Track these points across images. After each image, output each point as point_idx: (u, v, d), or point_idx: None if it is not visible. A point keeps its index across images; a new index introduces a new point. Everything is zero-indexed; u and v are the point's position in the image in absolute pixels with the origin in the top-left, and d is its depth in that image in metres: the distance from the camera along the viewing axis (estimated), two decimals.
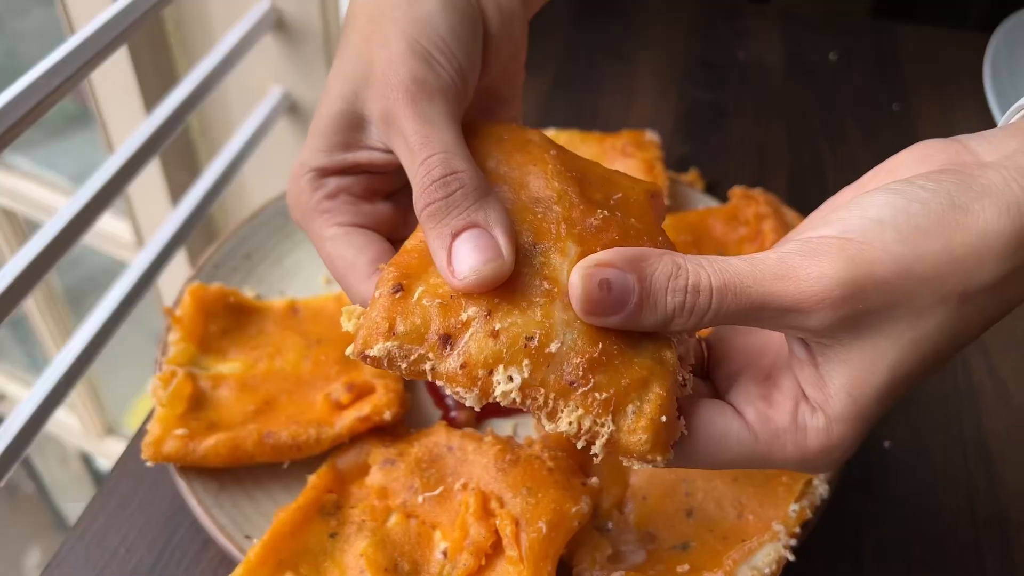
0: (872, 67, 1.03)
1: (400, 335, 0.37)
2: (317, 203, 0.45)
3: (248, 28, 0.88)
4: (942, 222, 0.35)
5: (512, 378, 0.36)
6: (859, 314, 0.35)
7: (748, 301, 0.35)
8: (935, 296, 0.35)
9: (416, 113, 0.40)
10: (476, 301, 0.37)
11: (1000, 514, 0.61)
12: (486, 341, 0.36)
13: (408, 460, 0.55)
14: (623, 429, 0.37)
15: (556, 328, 0.37)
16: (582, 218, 0.40)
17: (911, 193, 0.35)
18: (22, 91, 0.62)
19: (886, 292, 0.34)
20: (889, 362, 0.36)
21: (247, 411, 0.58)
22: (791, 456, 0.38)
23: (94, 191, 0.71)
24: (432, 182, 0.39)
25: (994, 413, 0.67)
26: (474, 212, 0.38)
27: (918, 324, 0.35)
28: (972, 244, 0.34)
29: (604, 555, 0.52)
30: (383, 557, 0.51)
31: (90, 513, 0.59)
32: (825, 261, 0.34)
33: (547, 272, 0.38)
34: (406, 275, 0.39)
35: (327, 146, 0.44)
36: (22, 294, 0.64)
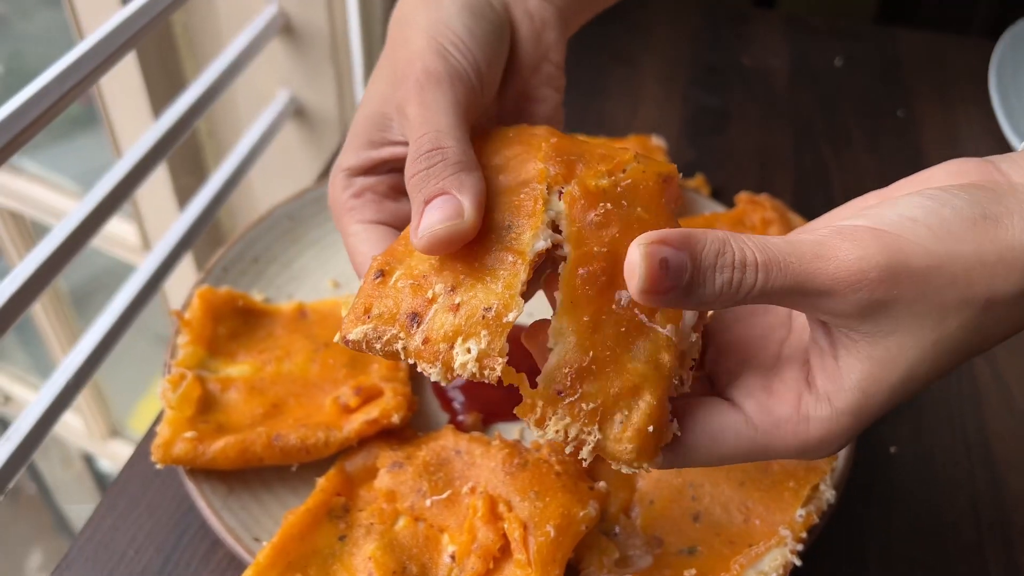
0: (877, 72, 1.04)
1: (375, 317, 0.38)
2: (345, 201, 0.48)
3: (256, 32, 0.88)
4: (974, 229, 0.35)
5: (470, 349, 0.36)
6: (889, 303, 0.35)
7: (791, 278, 0.35)
8: (961, 298, 0.35)
9: (420, 100, 0.44)
10: (443, 277, 0.38)
11: (1003, 517, 0.62)
12: (447, 316, 0.37)
13: (416, 463, 0.55)
14: (609, 438, 0.37)
15: (516, 297, 0.37)
16: (582, 214, 0.39)
17: (945, 199, 0.36)
18: (32, 96, 0.62)
19: (917, 284, 0.35)
20: (908, 361, 0.36)
21: (256, 414, 0.58)
22: (791, 445, 0.39)
23: (102, 196, 0.71)
24: (419, 155, 0.42)
25: (998, 417, 0.68)
26: (448, 181, 0.40)
27: (942, 325, 0.36)
28: (1001, 254, 0.35)
29: (611, 559, 0.52)
30: (391, 560, 0.51)
31: (98, 515, 0.59)
32: (862, 245, 0.35)
33: (517, 247, 0.38)
34: (389, 261, 0.40)
35: (357, 146, 0.48)
36: (31, 298, 0.65)
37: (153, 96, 0.99)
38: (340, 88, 0.96)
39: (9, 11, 1.65)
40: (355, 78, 0.95)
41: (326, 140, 1.01)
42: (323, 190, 0.75)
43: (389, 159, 0.48)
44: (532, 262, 0.38)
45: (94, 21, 0.96)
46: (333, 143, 0.99)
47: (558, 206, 0.39)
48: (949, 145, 0.94)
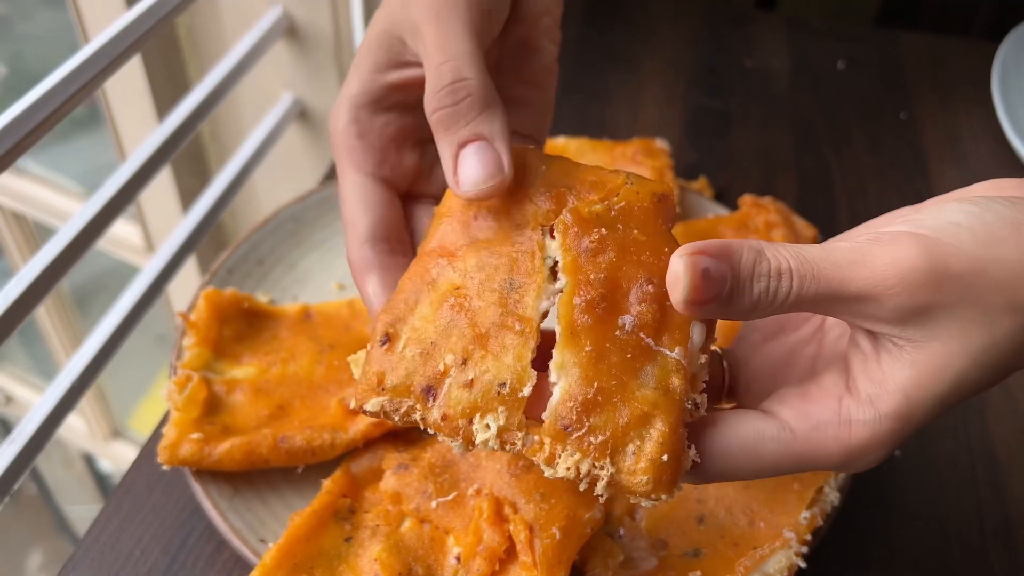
0: (878, 75, 1.04)
1: (389, 389, 0.38)
2: (347, 139, 0.46)
3: (260, 35, 0.88)
4: (1019, 233, 0.35)
5: (489, 426, 0.37)
6: (932, 307, 0.34)
7: (826, 285, 0.35)
8: (1009, 303, 0.34)
9: (438, 23, 0.42)
10: (451, 346, 0.38)
11: (1008, 523, 0.62)
12: (462, 392, 0.37)
13: (421, 465, 0.55)
14: (623, 471, 0.36)
15: (528, 369, 0.37)
16: (576, 242, 0.39)
17: (987, 204, 0.36)
18: (37, 100, 0.62)
19: (960, 288, 0.34)
20: (957, 369, 0.35)
21: (261, 416, 0.59)
22: (833, 452, 0.37)
23: (107, 198, 0.72)
24: (442, 87, 0.40)
25: (1002, 422, 0.68)
26: (480, 124, 0.40)
27: (990, 331, 0.35)
28: None
29: (616, 561, 0.52)
30: (397, 562, 0.51)
31: (104, 516, 0.59)
32: (901, 249, 0.34)
33: (520, 312, 0.38)
34: (393, 322, 0.40)
35: (364, 70, 0.45)
36: (36, 301, 0.65)
37: (157, 98, 0.99)
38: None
39: (10, 12, 1.65)
40: None
41: (329, 143, 1.01)
42: (328, 192, 0.76)
43: (398, 84, 0.46)
44: (539, 326, 0.38)
45: (98, 22, 0.96)
46: None
47: (555, 251, 0.39)
48: (951, 147, 0.94)
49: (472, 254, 0.40)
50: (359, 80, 0.46)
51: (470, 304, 0.39)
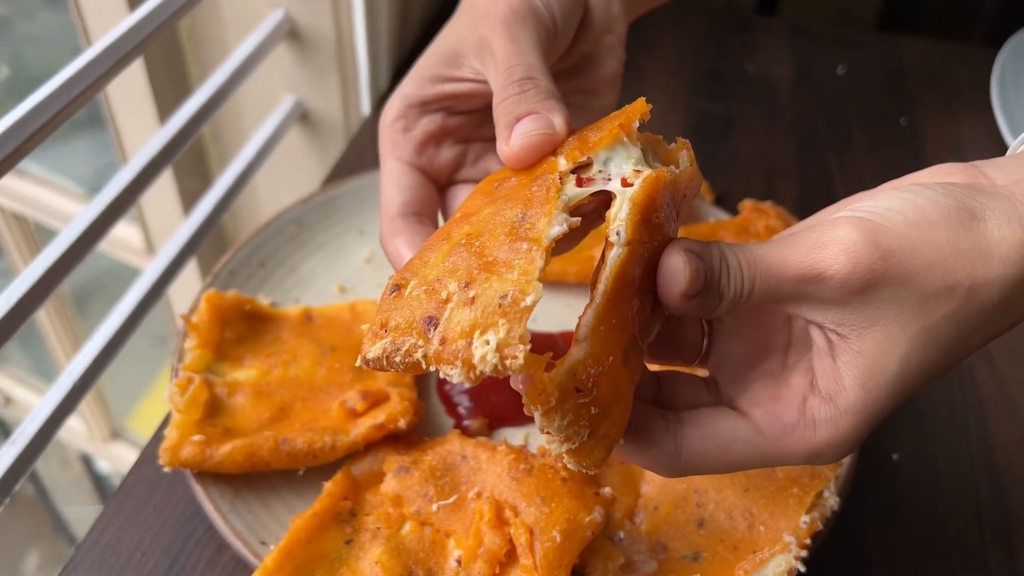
0: (879, 80, 1.04)
1: (392, 329, 0.37)
2: (393, 131, 0.50)
3: (262, 37, 0.89)
4: (949, 217, 0.36)
5: (488, 341, 0.33)
6: (870, 286, 0.35)
7: (777, 272, 0.36)
8: (942, 283, 0.36)
9: (509, 36, 0.46)
10: (457, 276, 0.36)
11: (1007, 527, 0.62)
12: (463, 312, 0.35)
13: (422, 468, 0.55)
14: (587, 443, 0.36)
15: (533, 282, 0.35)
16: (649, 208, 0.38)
17: (921, 192, 0.37)
18: (40, 102, 0.62)
19: (894, 266, 0.35)
20: (900, 352, 0.36)
21: (262, 418, 0.59)
22: (800, 451, 0.39)
23: (108, 201, 0.72)
24: (510, 83, 0.44)
25: (1001, 426, 0.68)
26: (539, 104, 0.43)
27: (926, 311, 0.36)
28: (977, 243, 0.36)
29: (617, 565, 0.52)
30: (398, 564, 0.51)
31: (105, 518, 0.59)
32: (840, 230, 0.36)
33: (531, 235, 0.36)
34: (404, 275, 0.39)
35: (421, 78, 0.50)
36: (37, 303, 0.65)
37: (159, 101, 0.99)
38: (345, 93, 0.96)
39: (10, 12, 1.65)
40: (360, 83, 0.95)
41: (331, 145, 1.02)
42: (330, 195, 0.76)
43: (450, 95, 0.50)
44: (548, 248, 0.36)
45: (100, 24, 0.96)
46: (338, 148, 1.00)
47: (572, 191, 0.38)
48: (952, 153, 0.94)
49: (488, 206, 0.40)
50: (415, 83, 0.50)
51: (479, 240, 0.37)
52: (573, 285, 0.72)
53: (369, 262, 0.74)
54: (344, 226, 0.76)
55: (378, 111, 0.95)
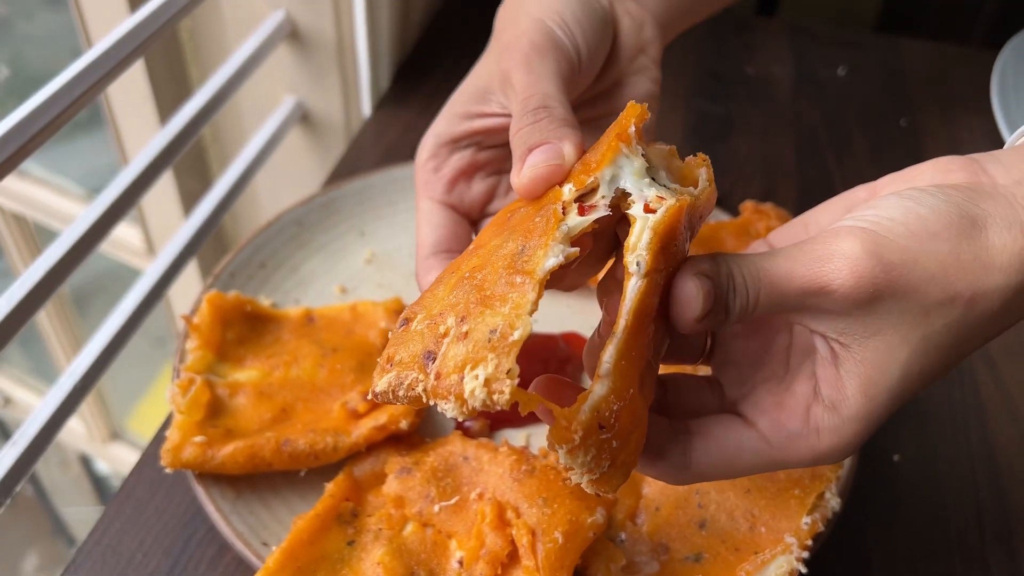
0: (879, 82, 1.04)
1: (396, 364, 0.37)
2: (425, 172, 0.52)
3: (263, 38, 0.89)
4: (951, 228, 0.36)
5: (477, 376, 0.33)
6: (873, 298, 0.36)
7: (787, 286, 0.37)
8: (943, 294, 0.36)
9: (527, 68, 0.47)
10: (456, 310, 0.36)
11: (1007, 528, 0.62)
12: (457, 347, 0.35)
13: (424, 469, 0.55)
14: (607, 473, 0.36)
15: (523, 316, 0.34)
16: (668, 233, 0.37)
17: (923, 199, 0.37)
18: (41, 104, 0.62)
19: (896, 278, 0.36)
20: (902, 361, 0.37)
21: (264, 419, 0.59)
22: (804, 457, 0.39)
23: (109, 202, 0.72)
24: (525, 112, 0.45)
25: (1001, 427, 0.68)
26: (552, 133, 0.43)
27: (928, 321, 0.36)
28: (978, 254, 0.36)
29: (618, 566, 0.52)
30: (400, 565, 0.51)
31: (106, 519, 0.59)
32: (845, 243, 0.36)
33: (527, 268, 0.36)
34: (415, 309, 0.39)
35: (451, 116, 0.52)
36: (38, 304, 0.65)
37: (159, 102, 0.99)
38: (346, 94, 0.96)
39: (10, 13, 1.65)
40: (361, 84, 0.95)
41: (332, 146, 1.02)
42: (330, 196, 0.76)
43: (479, 130, 0.52)
44: (542, 281, 0.36)
45: (101, 24, 0.96)
46: (339, 149, 1.00)
47: (574, 220, 0.38)
48: (952, 153, 0.94)
49: (496, 237, 0.40)
50: (445, 121, 0.52)
51: (482, 273, 0.37)
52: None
53: (370, 263, 0.74)
54: (345, 227, 0.76)
55: (378, 112, 0.96)
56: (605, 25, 0.53)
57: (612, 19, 0.54)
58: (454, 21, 1.10)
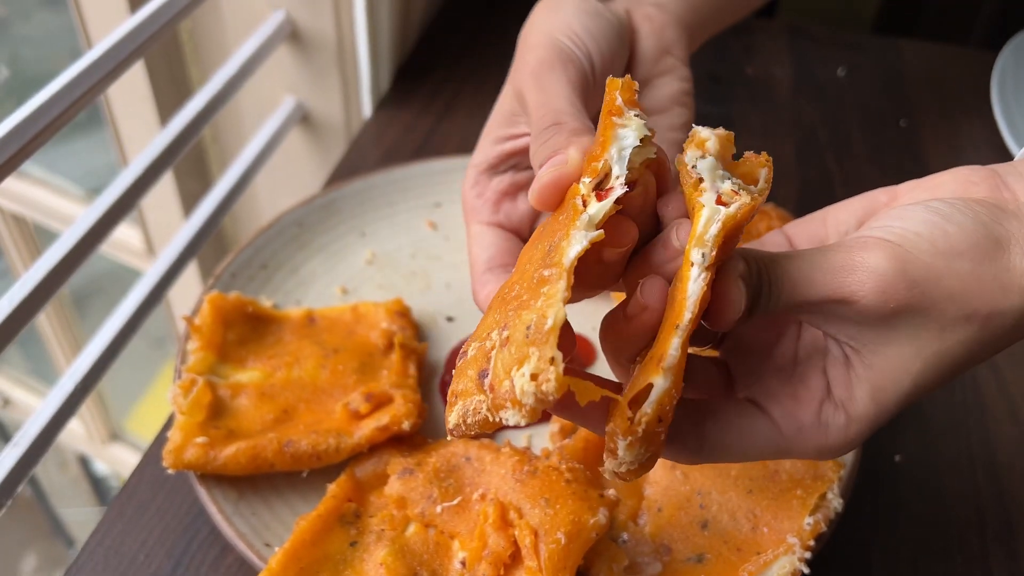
0: (879, 83, 1.04)
1: (459, 394, 0.37)
2: (471, 200, 0.53)
3: (263, 39, 0.89)
4: (976, 248, 0.37)
5: (524, 373, 0.33)
6: (895, 313, 0.37)
7: (815, 291, 0.37)
8: (961, 313, 0.37)
9: (537, 85, 0.48)
10: (498, 325, 0.36)
11: (1009, 529, 0.62)
12: (502, 354, 0.35)
13: (426, 470, 0.55)
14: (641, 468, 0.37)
15: (554, 304, 0.34)
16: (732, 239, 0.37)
17: (950, 215, 0.38)
18: (41, 105, 0.62)
19: (918, 296, 0.36)
20: (914, 373, 0.38)
21: (266, 420, 0.59)
22: (809, 449, 0.40)
23: (109, 203, 0.71)
24: (539, 132, 0.45)
25: (1003, 428, 0.68)
26: (561, 145, 0.42)
27: (943, 337, 0.37)
28: (997, 275, 0.37)
29: (621, 566, 0.52)
30: (402, 566, 0.51)
31: (108, 520, 0.59)
32: (873, 257, 0.37)
33: (554, 261, 0.36)
34: (468, 341, 0.39)
35: (486, 144, 0.53)
36: (38, 305, 0.65)
37: (159, 102, 0.99)
38: (346, 95, 0.97)
39: (8, 13, 1.65)
40: (361, 85, 0.95)
41: (332, 147, 1.02)
42: (331, 196, 0.76)
43: (512, 152, 0.52)
44: (570, 269, 0.35)
45: (101, 24, 0.96)
46: (339, 150, 1.00)
47: (595, 208, 0.37)
48: (951, 155, 0.94)
49: (528, 251, 0.40)
50: (481, 150, 0.53)
51: (518, 286, 0.37)
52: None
53: (371, 263, 0.74)
54: (345, 227, 0.76)
55: (379, 112, 0.96)
56: (620, 32, 0.53)
57: (629, 26, 0.55)
58: (454, 22, 1.10)
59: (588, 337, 0.69)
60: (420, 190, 0.78)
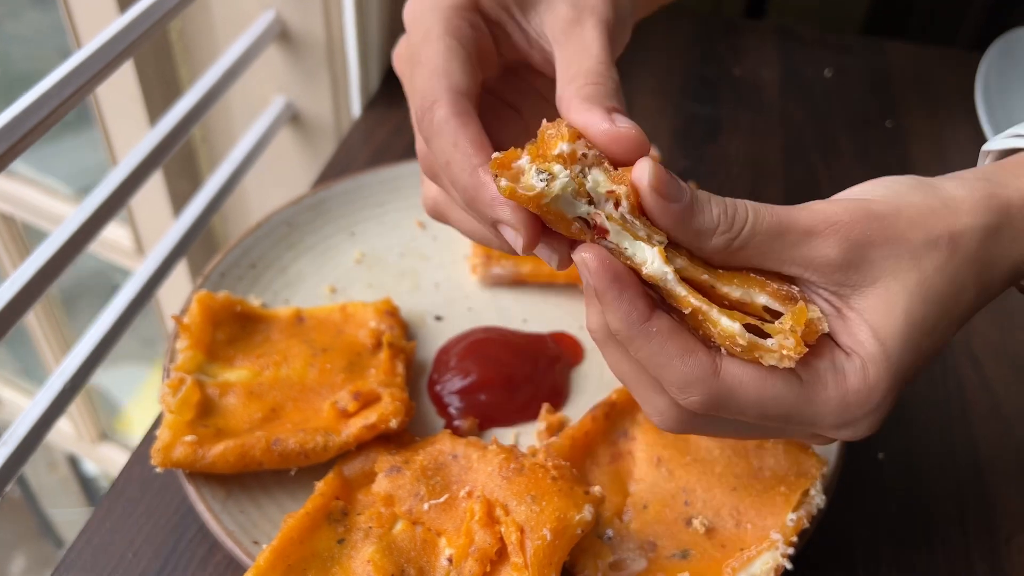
0: (866, 84, 1.05)
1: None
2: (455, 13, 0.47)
3: (253, 39, 0.89)
4: (916, 188, 0.42)
5: None
6: (863, 244, 0.40)
7: (776, 218, 0.39)
8: (927, 237, 0.40)
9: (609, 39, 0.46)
10: None
11: (991, 524, 0.63)
12: None
13: (414, 468, 0.56)
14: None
15: None
16: None
17: (884, 180, 0.44)
18: (31, 104, 0.62)
19: (884, 227, 0.40)
20: (903, 306, 0.40)
21: (254, 418, 0.59)
22: (832, 397, 0.40)
23: (98, 203, 0.72)
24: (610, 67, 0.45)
25: (986, 425, 0.69)
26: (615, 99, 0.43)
27: (919, 265, 0.40)
28: (946, 201, 0.42)
29: (606, 562, 0.53)
30: (390, 563, 0.52)
31: (96, 518, 0.59)
32: (834, 203, 0.41)
33: None
34: None
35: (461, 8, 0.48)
36: (27, 305, 0.65)
37: (149, 102, 0.99)
38: (336, 95, 0.97)
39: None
40: (351, 85, 0.96)
41: (321, 147, 1.02)
42: (320, 196, 0.76)
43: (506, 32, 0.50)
44: None
45: (90, 23, 0.96)
46: (328, 150, 1.00)
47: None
48: (937, 155, 0.95)
49: None
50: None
51: None
52: (563, 286, 0.73)
53: (360, 263, 0.75)
54: (334, 227, 0.76)
55: (368, 112, 0.96)
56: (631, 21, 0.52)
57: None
58: None
59: (576, 336, 0.70)
60: (409, 190, 0.79)
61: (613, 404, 0.61)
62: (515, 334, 0.69)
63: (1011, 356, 0.74)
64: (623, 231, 0.39)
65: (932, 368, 0.73)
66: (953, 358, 0.74)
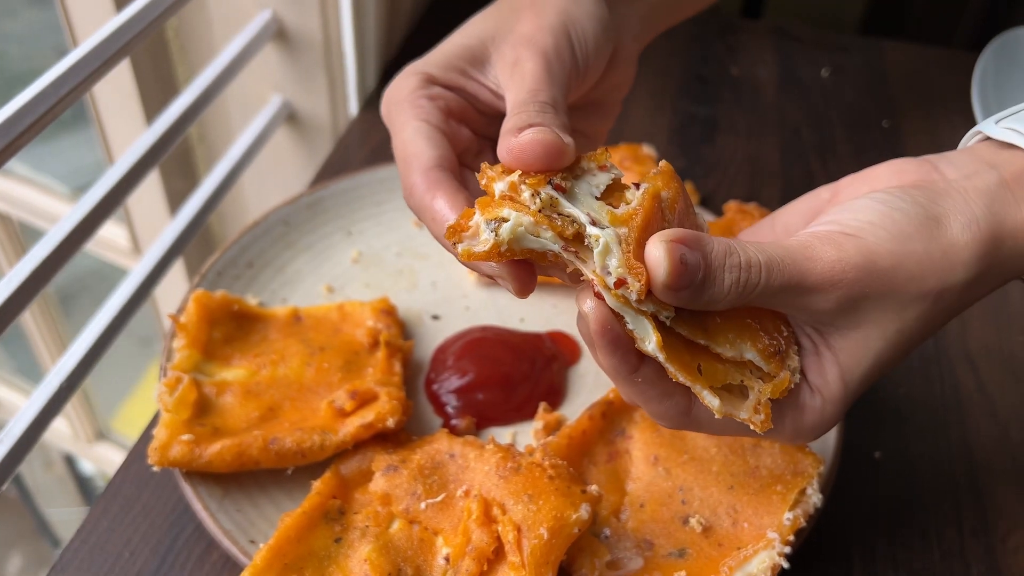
0: (862, 83, 1.05)
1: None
2: (415, 97, 0.49)
3: (249, 37, 0.89)
4: (922, 229, 0.41)
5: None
6: (859, 298, 0.40)
7: (787, 277, 0.40)
8: (918, 292, 0.41)
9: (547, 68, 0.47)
10: None
11: (985, 524, 0.63)
12: None
13: (410, 467, 0.56)
14: None
15: None
16: None
17: (892, 202, 0.42)
18: (27, 103, 0.62)
19: (885, 282, 0.40)
20: (877, 351, 0.42)
21: (251, 417, 0.59)
22: (787, 430, 0.44)
23: (95, 201, 0.71)
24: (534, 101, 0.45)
25: (981, 425, 0.69)
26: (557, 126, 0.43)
27: (902, 316, 0.41)
28: (945, 251, 0.41)
29: (603, 561, 0.53)
30: (387, 562, 0.52)
31: (93, 517, 0.59)
32: (842, 250, 0.40)
33: None
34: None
35: (446, 64, 0.50)
36: (23, 304, 0.65)
37: (145, 100, 0.99)
38: (333, 94, 0.97)
39: None
40: (348, 84, 0.95)
41: (318, 146, 1.02)
42: (317, 195, 0.76)
43: (470, 92, 0.50)
44: None
45: (87, 22, 0.96)
46: (325, 149, 1.00)
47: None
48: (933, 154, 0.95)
49: None
50: (439, 66, 0.50)
51: None
52: (560, 286, 0.73)
53: (357, 262, 0.75)
54: (331, 227, 0.76)
55: (365, 111, 0.96)
56: (610, 49, 0.53)
57: (618, 48, 0.54)
58: (440, 21, 1.10)
59: (573, 335, 0.70)
60: None
61: (610, 403, 0.61)
62: (512, 333, 0.69)
63: (1006, 358, 0.74)
64: (627, 307, 0.39)
65: (929, 369, 0.73)
66: (949, 360, 0.74)
